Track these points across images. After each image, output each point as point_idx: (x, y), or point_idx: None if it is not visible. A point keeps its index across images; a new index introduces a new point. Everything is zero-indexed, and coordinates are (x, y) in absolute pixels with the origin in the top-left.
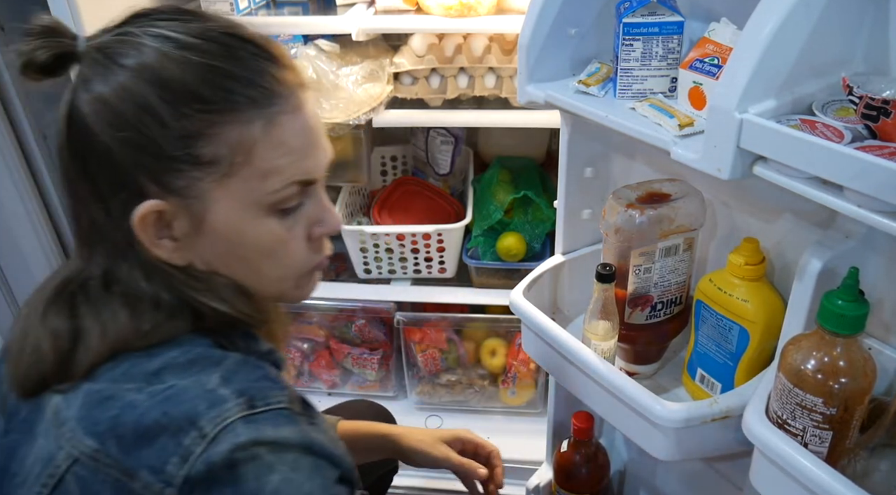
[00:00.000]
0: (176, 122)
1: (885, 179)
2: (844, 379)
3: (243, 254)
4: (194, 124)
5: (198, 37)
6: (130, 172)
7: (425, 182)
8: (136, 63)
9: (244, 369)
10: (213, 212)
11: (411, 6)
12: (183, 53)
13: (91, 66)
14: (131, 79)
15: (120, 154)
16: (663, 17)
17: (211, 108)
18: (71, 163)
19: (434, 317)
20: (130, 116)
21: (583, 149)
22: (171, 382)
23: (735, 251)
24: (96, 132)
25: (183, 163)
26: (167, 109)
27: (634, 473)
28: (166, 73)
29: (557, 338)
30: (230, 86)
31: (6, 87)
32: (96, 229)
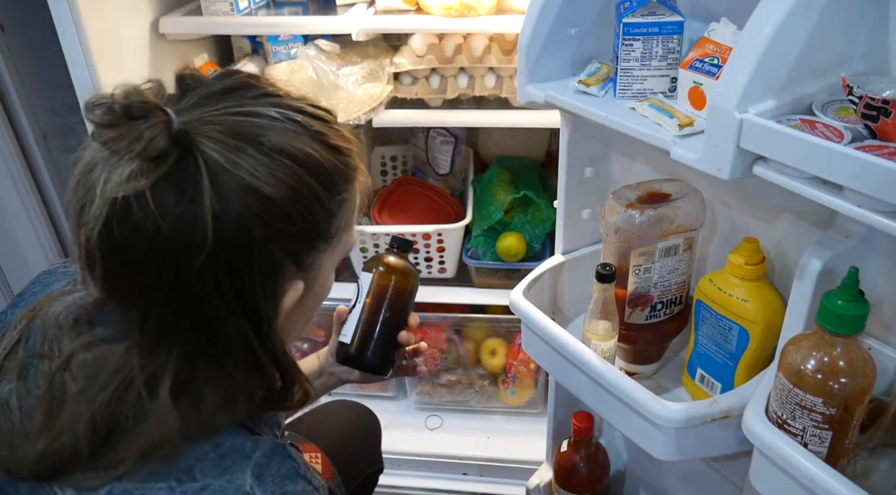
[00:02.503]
0: (331, 206)
1: (885, 179)
2: (844, 380)
3: (312, 311)
4: (336, 205)
5: (312, 117)
6: (282, 260)
7: (425, 182)
8: (294, 151)
9: (274, 462)
10: (319, 279)
11: (411, 6)
12: (320, 137)
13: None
14: (298, 172)
15: (280, 247)
16: (663, 17)
17: (343, 189)
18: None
19: (434, 317)
20: (302, 211)
21: (583, 149)
22: (204, 481)
23: (735, 251)
24: (256, 230)
25: (321, 241)
26: (327, 196)
27: (634, 473)
28: (321, 160)
29: (557, 338)
30: (346, 162)
31: (6, 87)
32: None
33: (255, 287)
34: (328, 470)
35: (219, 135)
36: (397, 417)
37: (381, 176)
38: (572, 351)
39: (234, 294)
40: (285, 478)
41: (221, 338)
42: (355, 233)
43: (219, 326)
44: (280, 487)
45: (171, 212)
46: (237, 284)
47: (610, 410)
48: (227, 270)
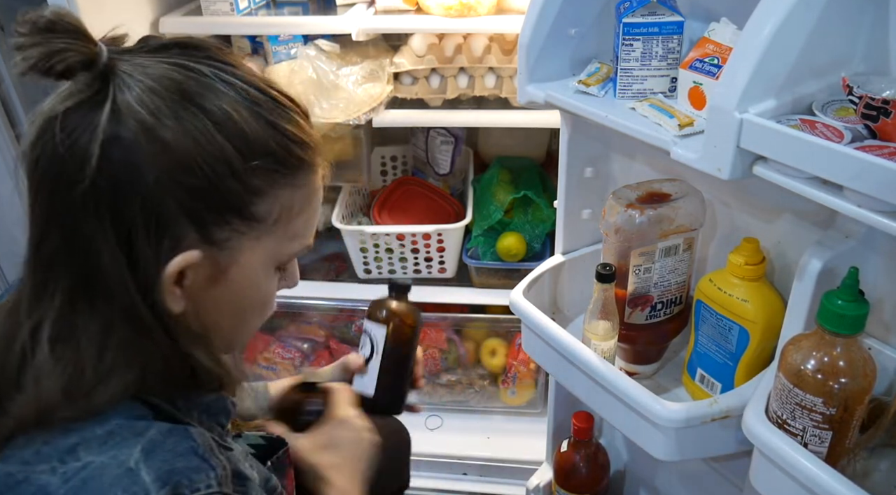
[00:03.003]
0: (245, 176)
1: (885, 179)
2: (844, 380)
3: (243, 307)
4: (259, 181)
5: (261, 92)
6: (176, 219)
7: (425, 182)
8: (212, 107)
9: (169, 441)
10: (237, 266)
11: (411, 6)
12: (254, 107)
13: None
14: (209, 126)
15: (173, 200)
16: (663, 17)
17: (277, 168)
18: (88, 196)
19: (434, 317)
20: (202, 165)
21: (583, 149)
22: (87, 459)
23: (735, 251)
24: (147, 172)
25: (235, 217)
26: (241, 163)
27: (634, 473)
28: (243, 125)
29: (557, 338)
30: (292, 148)
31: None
32: (81, 268)
33: (135, 231)
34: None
35: (141, 75)
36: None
37: (381, 176)
38: (572, 351)
39: (112, 231)
40: (178, 456)
41: (100, 279)
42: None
43: (97, 263)
44: (169, 464)
45: (70, 136)
46: (117, 222)
47: (610, 410)
48: (110, 203)
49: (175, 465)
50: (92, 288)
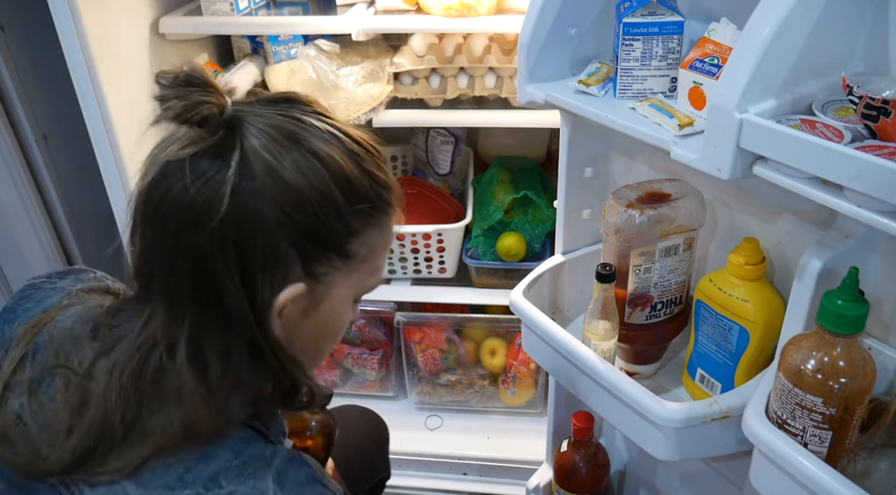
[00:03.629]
0: (348, 217)
1: (885, 179)
2: (844, 380)
3: (325, 336)
4: (358, 222)
5: (356, 141)
6: (289, 255)
7: (425, 182)
8: (324, 155)
9: (292, 469)
10: (328, 299)
11: (411, 6)
12: (354, 156)
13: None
14: (322, 171)
15: (288, 237)
16: (663, 17)
17: (371, 211)
18: (216, 235)
19: (434, 317)
20: (315, 206)
21: (583, 149)
22: (230, 489)
23: (735, 251)
24: (269, 212)
25: (335, 254)
26: (346, 206)
27: (634, 473)
28: (347, 172)
29: (557, 337)
30: (382, 193)
31: (6, 87)
32: (208, 299)
33: (255, 266)
34: (334, 476)
35: (262, 125)
36: (397, 417)
37: None
38: (572, 351)
39: (236, 267)
40: (304, 484)
41: (224, 309)
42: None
43: (223, 296)
44: (300, 492)
45: (200, 179)
46: (241, 258)
47: (610, 410)
48: (235, 241)
49: (304, 493)
50: (217, 316)
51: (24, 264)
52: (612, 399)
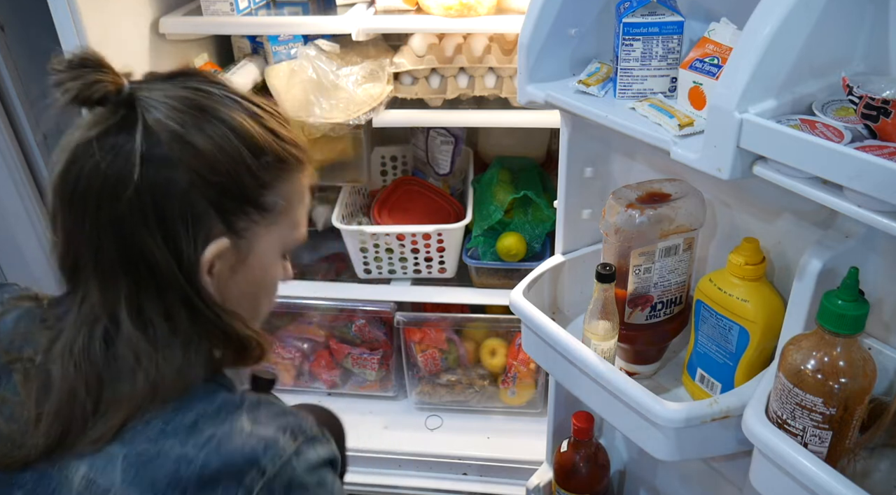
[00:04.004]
0: (258, 172)
1: (885, 179)
2: (844, 379)
3: (257, 292)
4: (267, 176)
5: (255, 105)
6: (207, 214)
7: (425, 182)
8: (226, 117)
9: (263, 406)
10: (254, 253)
11: (411, 6)
12: (255, 117)
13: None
14: (227, 132)
15: (203, 197)
16: (663, 17)
17: (279, 165)
18: (134, 204)
19: (434, 317)
20: (225, 164)
21: (583, 149)
22: (210, 431)
23: (735, 251)
24: (181, 176)
25: (251, 207)
26: (253, 161)
27: (634, 473)
28: (251, 131)
29: (557, 338)
30: (287, 148)
31: (6, 87)
32: (138, 267)
33: (176, 227)
34: None
35: (162, 97)
36: (397, 417)
37: (381, 176)
38: (572, 351)
39: (158, 230)
40: (277, 415)
41: (154, 272)
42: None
43: (150, 260)
44: (275, 421)
45: (109, 153)
46: (161, 222)
47: (610, 410)
48: (153, 206)
49: (280, 421)
50: (149, 280)
51: (25, 264)
52: (612, 399)
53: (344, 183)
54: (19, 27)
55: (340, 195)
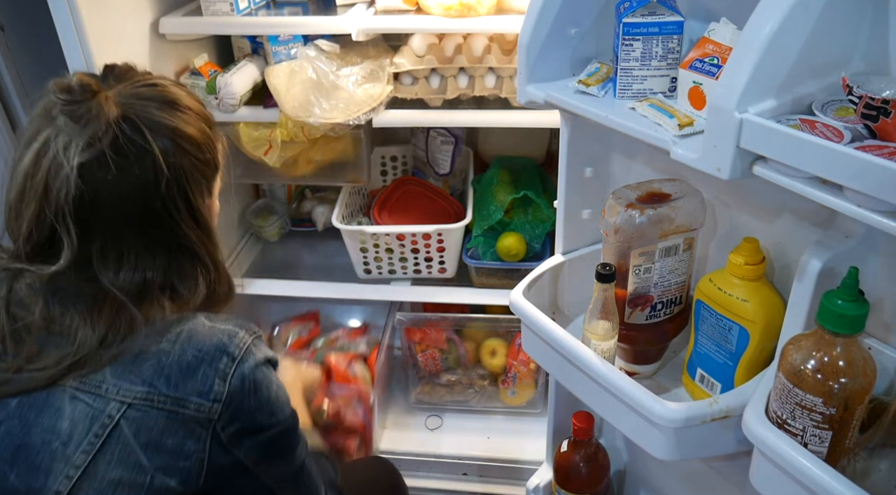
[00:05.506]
0: (213, 139)
1: (885, 179)
2: (844, 379)
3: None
4: (215, 139)
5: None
6: (205, 179)
7: (425, 182)
8: (189, 105)
9: (211, 314)
10: (212, 200)
11: (411, 6)
12: (192, 96)
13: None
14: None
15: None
16: (663, 17)
17: (215, 133)
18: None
19: (434, 317)
20: (202, 142)
21: (583, 149)
22: (178, 329)
23: (735, 251)
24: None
25: (214, 170)
26: (213, 135)
27: (634, 473)
28: (202, 110)
29: (557, 338)
30: (209, 111)
31: (6, 87)
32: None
33: (196, 202)
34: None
35: (143, 101)
36: (397, 417)
37: (381, 176)
38: (572, 351)
39: (186, 210)
40: (226, 319)
41: (183, 247)
42: None
43: (182, 238)
44: (227, 321)
45: (133, 164)
46: (186, 202)
47: (610, 410)
48: (179, 192)
49: (232, 321)
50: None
51: None
52: (612, 399)
53: (344, 183)
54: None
55: (340, 195)
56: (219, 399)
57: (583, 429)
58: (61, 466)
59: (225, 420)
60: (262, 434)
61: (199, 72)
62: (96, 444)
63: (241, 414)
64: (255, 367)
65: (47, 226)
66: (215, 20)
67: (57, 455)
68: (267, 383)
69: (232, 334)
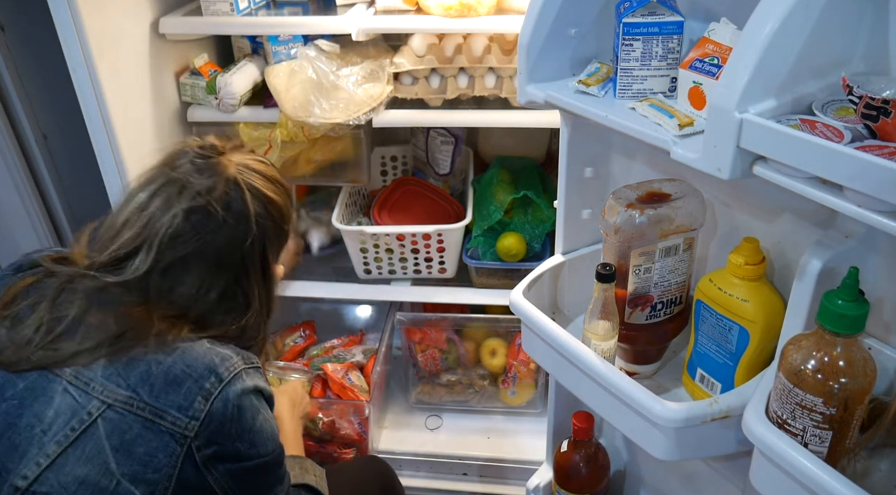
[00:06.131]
0: (291, 212)
1: (885, 179)
2: (844, 379)
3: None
4: (291, 217)
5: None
6: (279, 243)
7: (425, 182)
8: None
9: (218, 343)
10: (278, 267)
11: (411, 6)
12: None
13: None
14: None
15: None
16: (663, 17)
17: (292, 209)
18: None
19: (434, 317)
20: (287, 214)
21: (583, 149)
22: (178, 346)
23: (735, 251)
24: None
25: (286, 239)
26: (292, 210)
27: (634, 473)
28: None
29: (557, 338)
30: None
31: (6, 87)
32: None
33: (268, 263)
34: None
35: (251, 171)
36: (397, 417)
37: (381, 176)
38: (572, 351)
39: (260, 264)
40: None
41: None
42: None
43: (246, 287)
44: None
45: (232, 216)
46: (262, 258)
47: (610, 410)
48: (259, 249)
49: (234, 348)
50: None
51: None
52: (612, 399)
53: (344, 183)
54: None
55: (340, 195)
56: (197, 417)
57: (583, 429)
58: (35, 451)
59: (202, 440)
60: (239, 463)
61: (199, 72)
62: (70, 437)
63: (219, 438)
64: (241, 393)
65: (133, 249)
66: (215, 20)
67: (34, 440)
68: (252, 412)
69: (225, 357)
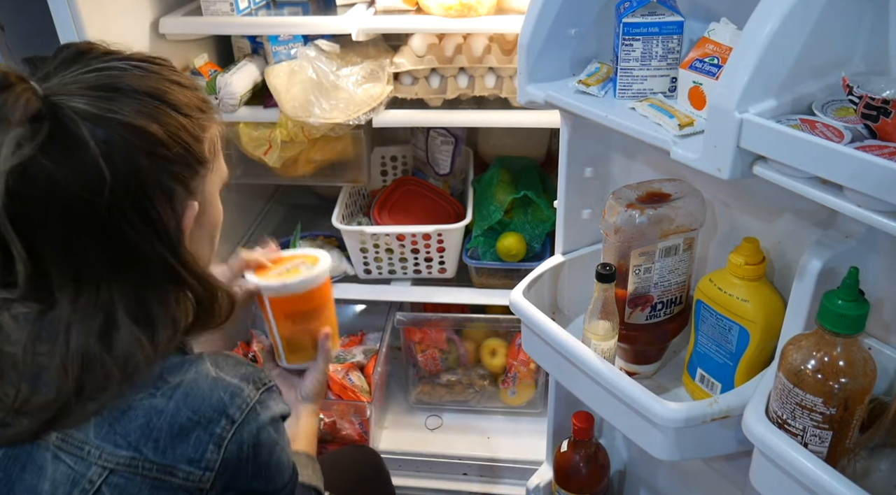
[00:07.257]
0: (192, 130)
1: (885, 179)
2: (844, 379)
3: (213, 231)
4: (197, 129)
5: (157, 64)
6: (174, 185)
7: (425, 182)
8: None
9: (221, 358)
10: (207, 202)
11: (411, 6)
12: (169, 79)
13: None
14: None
15: (166, 172)
16: (663, 17)
17: (201, 116)
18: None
19: (434, 317)
20: (170, 136)
21: (583, 149)
22: (177, 380)
23: (735, 251)
24: (142, 161)
25: (198, 164)
26: (186, 121)
27: (634, 473)
28: (177, 94)
29: (557, 338)
30: (196, 95)
31: None
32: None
33: (157, 212)
34: None
35: (81, 91)
36: (397, 417)
37: (381, 176)
38: (572, 351)
39: (142, 222)
40: (237, 364)
41: (144, 261)
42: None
43: (139, 251)
44: (236, 369)
45: (65, 164)
46: (143, 213)
47: (610, 410)
48: (131, 201)
49: (241, 370)
50: (140, 273)
51: None
52: (612, 399)
53: (344, 183)
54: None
55: (340, 195)
56: (211, 467)
57: (583, 429)
58: None
59: (218, 489)
60: None
61: (199, 72)
62: None
63: (236, 482)
64: (257, 431)
65: None
66: (215, 20)
67: None
68: (270, 446)
69: (236, 392)
